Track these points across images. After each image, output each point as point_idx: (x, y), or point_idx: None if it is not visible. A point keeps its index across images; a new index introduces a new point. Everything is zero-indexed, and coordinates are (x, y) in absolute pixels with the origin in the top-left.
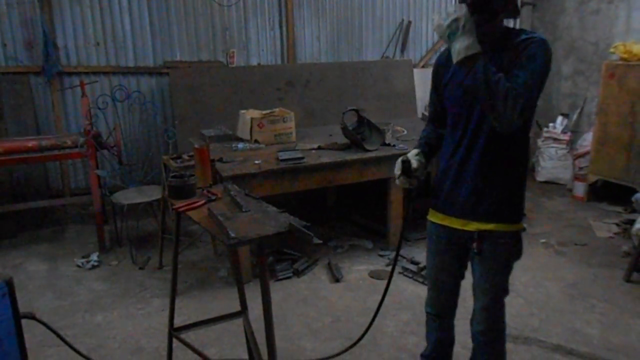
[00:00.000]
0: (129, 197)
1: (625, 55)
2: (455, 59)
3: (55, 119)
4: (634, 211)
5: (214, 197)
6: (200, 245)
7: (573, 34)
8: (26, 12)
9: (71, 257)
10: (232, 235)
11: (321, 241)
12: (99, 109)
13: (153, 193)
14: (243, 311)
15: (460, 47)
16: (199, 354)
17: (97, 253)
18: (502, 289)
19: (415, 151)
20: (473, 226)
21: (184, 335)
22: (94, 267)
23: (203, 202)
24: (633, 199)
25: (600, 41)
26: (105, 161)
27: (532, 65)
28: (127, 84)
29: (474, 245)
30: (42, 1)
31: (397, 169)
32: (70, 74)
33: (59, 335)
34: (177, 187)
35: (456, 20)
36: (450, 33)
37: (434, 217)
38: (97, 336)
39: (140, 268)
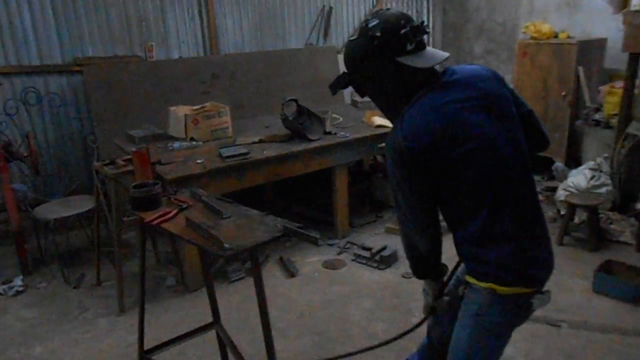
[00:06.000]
0: (53, 210)
1: (536, 35)
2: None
3: None
4: (551, 178)
5: (185, 205)
6: (138, 255)
7: (482, 16)
8: None
9: None
10: (227, 245)
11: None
12: (8, 115)
13: (83, 204)
14: (216, 322)
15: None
16: None
17: (20, 276)
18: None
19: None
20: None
21: (155, 358)
22: (18, 292)
23: (176, 211)
24: (553, 168)
25: (507, 22)
26: (21, 173)
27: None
28: (33, 85)
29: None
30: None
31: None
32: None
33: None
34: (142, 199)
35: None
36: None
37: None
38: None
39: (75, 287)
